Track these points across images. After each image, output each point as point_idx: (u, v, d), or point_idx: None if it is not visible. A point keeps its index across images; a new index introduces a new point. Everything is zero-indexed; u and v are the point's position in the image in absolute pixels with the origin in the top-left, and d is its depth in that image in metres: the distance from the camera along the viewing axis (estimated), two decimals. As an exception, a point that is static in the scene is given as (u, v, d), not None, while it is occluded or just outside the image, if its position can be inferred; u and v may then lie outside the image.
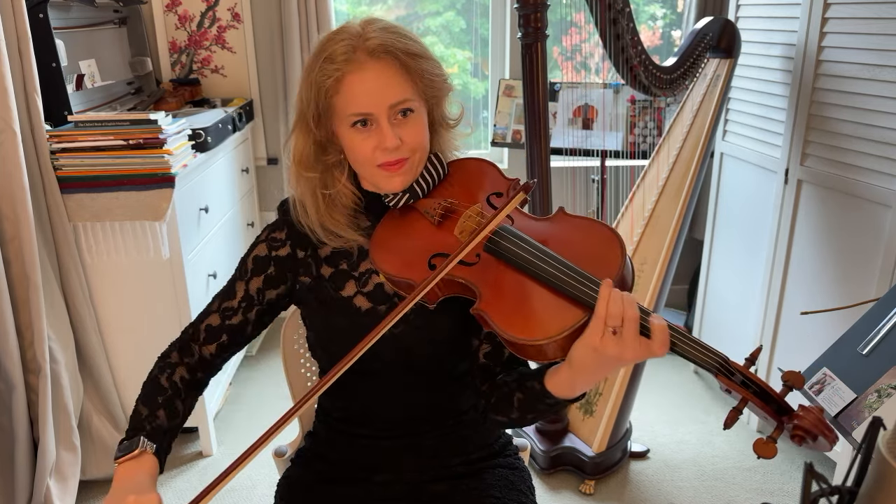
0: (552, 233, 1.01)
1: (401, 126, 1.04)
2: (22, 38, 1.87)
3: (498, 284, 0.96)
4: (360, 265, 1.14)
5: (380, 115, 1.02)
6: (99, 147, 1.99)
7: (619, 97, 2.60)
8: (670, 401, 2.63)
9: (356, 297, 1.13)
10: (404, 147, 1.04)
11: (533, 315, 0.93)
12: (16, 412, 1.92)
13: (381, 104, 1.02)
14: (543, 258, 0.94)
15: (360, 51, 1.01)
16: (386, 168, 1.05)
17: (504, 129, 2.86)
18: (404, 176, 1.07)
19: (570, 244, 0.98)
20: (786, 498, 2.13)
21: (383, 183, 1.07)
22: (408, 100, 1.03)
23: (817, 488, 0.71)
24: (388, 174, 1.06)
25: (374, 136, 1.03)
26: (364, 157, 1.05)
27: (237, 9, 2.83)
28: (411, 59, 1.03)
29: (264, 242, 1.16)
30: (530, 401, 1.02)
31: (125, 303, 2.14)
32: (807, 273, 2.14)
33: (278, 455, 1.34)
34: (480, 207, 1.06)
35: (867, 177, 1.91)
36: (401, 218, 1.10)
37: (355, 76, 1.01)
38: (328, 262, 1.15)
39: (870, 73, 1.87)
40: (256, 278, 1.15)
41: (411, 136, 1.05)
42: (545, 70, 1.86)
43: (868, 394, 0.96)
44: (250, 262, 1.16)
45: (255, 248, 1.17)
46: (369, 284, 1.13)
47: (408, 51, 1.03)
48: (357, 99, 1.02)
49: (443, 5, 3.13)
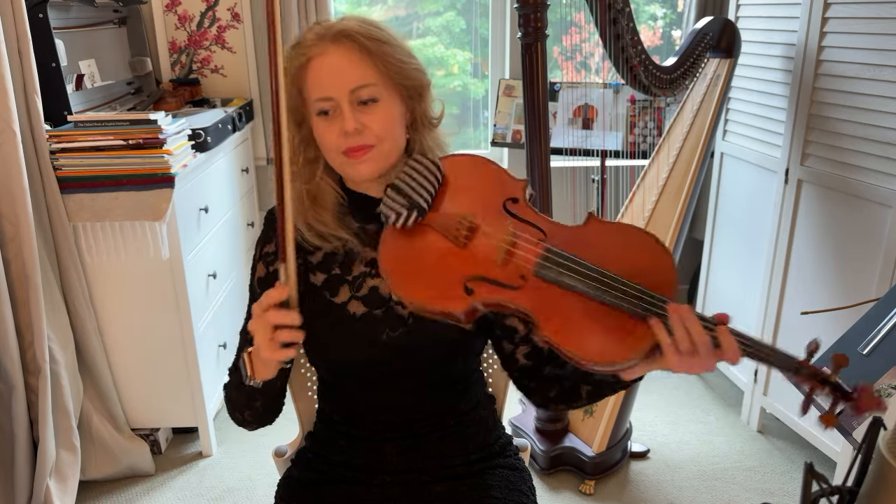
0: (594, 245, 0.94)
1: (364, 113, 1.04)
2: (22, 38, 1.87)
3: (557, 309, 0.90)
4: (354, 268, 1.13)
5: (341, 98, 1.02)
6: (99, 147, 1.99)
7: (619, 97, 2.60)
8: (670, 401, 2.63)
9: (350, 303, 1.12)
10: (368, 133, 1.04)
11: (605, 339, 0.89)
12: (16, 412, 1.92)
13: (342, 87, 1.02)
14: (602, 281, 0.89)
15: (325, 38, 1.03)
16: (350, 154, 1.05)
17: (504, 129, 2.86)
18: (370, 164, 1.06)
19: (618, 258, 0.92)
20: (786, 498, 2.13)
21: (350, 170, 1.07)
22: (370, 84, 1.03)
23: (817, 488, 0.71)
24: (352, 161, 1.05)
25: (338, 123, 1.03)
26: (329, 144, 1.05)
27: (237, 9, 2.82)
28: (373, 42, 1.03)
29: (260, 261, 1.16)
30: (599, 390, 1.06)
31: (125, 303, 2.14)
32: (807, 273, 2.14)
33: (278, 455, 1.33)
34: (511, 227, 0.98)
35: (867, 177, 1.91)
36: (411, 237, 1.01)
37: (317, 60, 1.03)
38: (320, 267, 1.14)
39: (870, 73, 1.87)
40: None
41: (375, 122, 1.04)
42: (545, 70, 1.86)
43: (868, 394, 0.96)
44: (257, 286, 1.16)
45: (256, 270, 1.17)
46: (363, 288, 1.12)
47: (370, 35, 1.03)
48: (319, 83, 1.03)
49: (443, 5, 3.13)
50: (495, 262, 0.95)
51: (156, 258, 2.08)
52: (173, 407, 2.28)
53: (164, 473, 2.26)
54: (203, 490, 2.19)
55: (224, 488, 2.19)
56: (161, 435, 2.34)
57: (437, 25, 3.16)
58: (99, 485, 2.20)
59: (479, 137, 3.25)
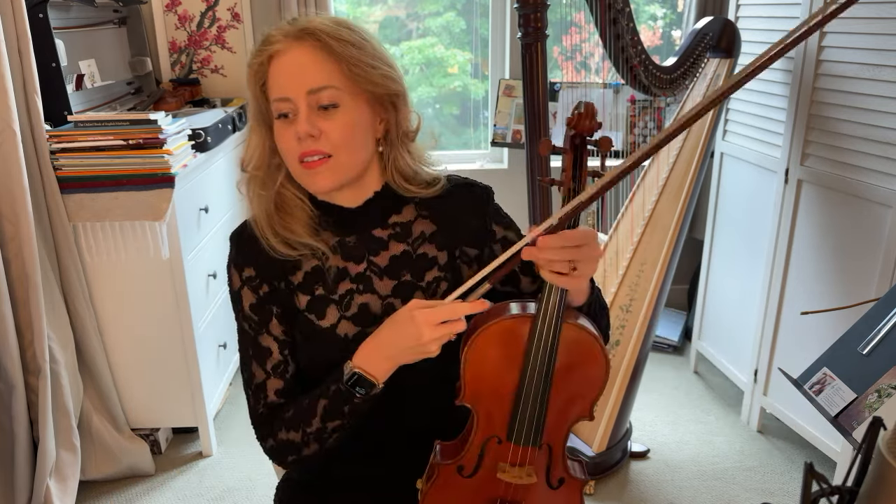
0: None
1: (323, 119, 0.97)
2: (22, 38, 1.87)
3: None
4: (339, 286, 1.07)
5: (298, 100, 0.96)
6: (99, 147, 1.99)
7: (619, 97, 2.61)
8: (670, 401, 2.63)
9: (340, 325, 1.06)
10: (324, 140, 0.97)
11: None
12: (16, 412, 1.92)
13: (300, 88, 0.96)
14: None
15: (289, 35, 0.97)
16: (306, 165, 0.98)
17: (504, 129, 2.86)
18: (326, 176, 0.99)
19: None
20: (786, 498, 2.13)
21: (307, 181, 1.01)
22: (330, 87, 0.97)
23: (817, 488, 0.71)
24: (309, 172, 0.99)
25: (295, 127, 0.97)
26: (286, 149, 1.00)
27: (237, 9, 2.83)
28: (338, 42, 0.96)
29: (245, 287, 1.07)
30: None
31: (125, 303, 2.14)
32: (807, 273, 2.14)
33: None
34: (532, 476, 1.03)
35: (867, 177, 1.91)
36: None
37: (279, 59, 0.97)
38: (302, 288, 1.07)
39: (870, 73, 1.87)
40: (273, 323, 1.07)
41: (334, 129, 0.97)
42: (545, 70, 1.86)
43: (868, 394, 0.96)
44: (252, 313, 1.07)
45: (241, 297, 1.08)
46: (352, 307, 1.07)
47: (336, 35, 0.97)
48: (278, 82, 0.98)
49: (443, 6, 3.12)
50: (508, 482, 1.04)
51: (156, 258, 2.08)
52: (173, 407, 2.28)
53: (164, 473, 2.26)
54: (203, 490, 2.19)
55: (224, 488, 2.19)
56: (161, 435, 2.34)
57: (437, 26, 3.16)
58: (99, 485, 2.20)
59: (479, 137, 3.25)
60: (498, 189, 1.19)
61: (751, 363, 2.38)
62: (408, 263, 1.09)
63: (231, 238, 1.09)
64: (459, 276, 1.11)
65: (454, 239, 1.11)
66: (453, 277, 1.11)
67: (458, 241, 1.11)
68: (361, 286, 1.07)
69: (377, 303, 1.07)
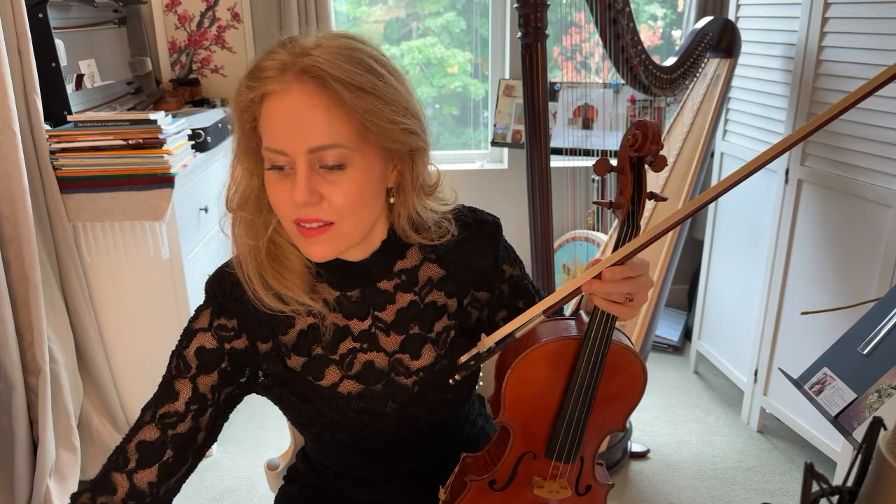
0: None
1: (326, 180, 0.81)
2: (22, 37, 1.87)
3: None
4: (340, 346, 0.96)
5: (297, 157, 0.79)
6: (98, 147, 1.99)
7: (619, 97, 2.61)
8: (670, 401, 2.63)
9: (342, 384, 0.96)
10: (326, 207, 0.82)
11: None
12: (15, 412, 1.92)
13: (299, 144, 0.78)
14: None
15: (291, 70, 0.78)
16: (303, 231, 0.83)
17: (504, 129, 2.86)
18: (325, 246, 0.85)
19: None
20: (786, 498, 2.13)
21: (303, 248, 0.86)
22: (337, 146, 0.79)
23: (817, 488, 0.71)
24: (306, 239, 0.84)
25: (291, 184, 0.80)
26: (279, 206, 0.84)
27: (237, 9, 2.83)
28: (350, 91, 0.77)
29: (209, 332, 0.93)
30: None
31: (125, 303, 2.14)
32: (807, 273, 2.14)
33: (270, 468, 1.26)
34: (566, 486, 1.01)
35: (867, 177, 1.91)
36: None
37: (274, 100, 0.79)
38: (297, 349, 0.95)
39: (870, 73, 1.86)
40: (206, 375, 0.92)
41: (338, 194, 0.81)
42: (545, 70, 1.86)
43: (869, 394, 0.96)
44: (192, 355, 0.93)
45: (195, 337, 0.93)
46: (356, 365, 0.97)
47: (349, 80, 0.77)
48: (272, 131, 0.80)
49: (443, 6, 3.12)
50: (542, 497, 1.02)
51: (156, 258, 2.08)
52: (173, 407, 2.27)
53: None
54: (203, 490, 2.19)
55: (224, 488, 2.19)
56: (161, 435, 2.34)
57: (437, 26, 3.16)
58: (99, 485, 2.20)
59: (479, 137, 3.25)
60: (498, 189, 1.18)
61: (751, 363, 2.38)
62: (416, 315, 0.99)
63: (209, 287, 0.96)
64: (468, 321, 1.03)
65: (464, 284, 1.02)
66: (462, 323, 1.02)
67: (468, 287, 1.02)
68: (366, 345, 0.97)
69: (383, 360, 0.98)
